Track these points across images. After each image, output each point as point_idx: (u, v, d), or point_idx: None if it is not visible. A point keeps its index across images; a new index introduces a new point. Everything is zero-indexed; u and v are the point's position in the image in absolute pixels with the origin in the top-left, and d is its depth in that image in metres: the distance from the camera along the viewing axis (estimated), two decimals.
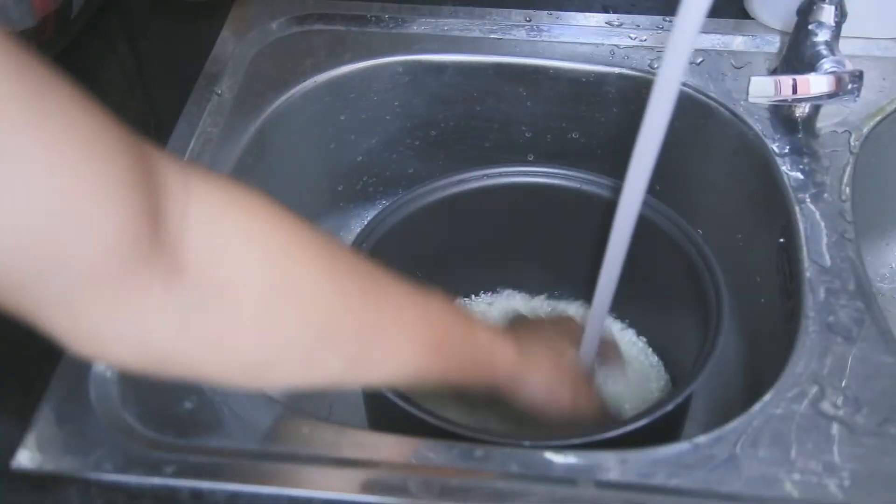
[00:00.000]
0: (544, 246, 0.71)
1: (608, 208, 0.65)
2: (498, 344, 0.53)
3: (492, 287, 0.76)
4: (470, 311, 0.52)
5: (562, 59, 0.75)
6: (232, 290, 0.37)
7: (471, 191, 0.67)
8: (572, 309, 0.75)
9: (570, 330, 0.61)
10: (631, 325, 0.73)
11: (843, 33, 0.65)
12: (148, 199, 0.33)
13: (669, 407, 0.52)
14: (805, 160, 0.66)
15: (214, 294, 0.36)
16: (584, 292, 0.73)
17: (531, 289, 0.76)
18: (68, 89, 0.32)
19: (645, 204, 0.63)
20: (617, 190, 0.65)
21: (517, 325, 0.63)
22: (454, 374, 0.50)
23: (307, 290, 0.40)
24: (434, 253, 0.68)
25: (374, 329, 0.44)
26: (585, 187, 0.66)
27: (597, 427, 0.54)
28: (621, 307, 0.71)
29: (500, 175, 0.67)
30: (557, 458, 0.47)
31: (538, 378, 0.55)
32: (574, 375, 0.58)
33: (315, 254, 0.41)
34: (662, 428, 0.53)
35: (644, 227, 0.63)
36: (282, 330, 0.39)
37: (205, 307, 0.36)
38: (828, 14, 0.66)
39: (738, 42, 0.76)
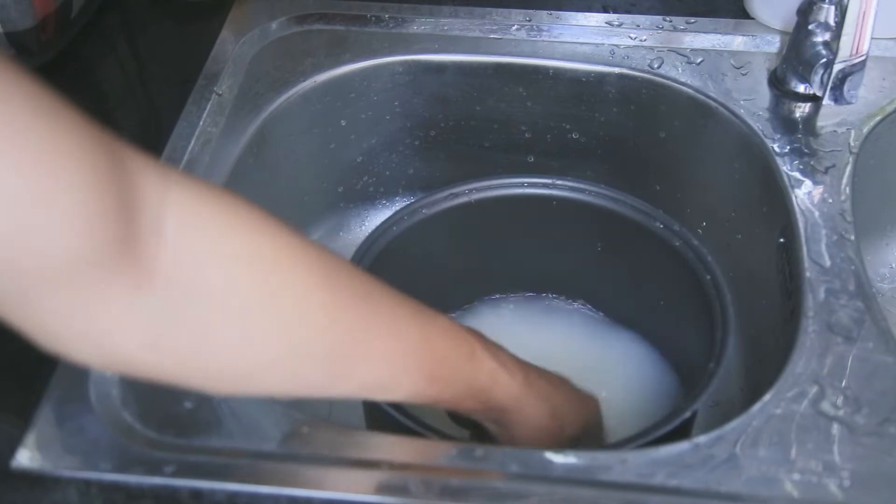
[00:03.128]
0: (544, 253, 0.71)
1: (605, 217, 0.65)
2: (501, 378, 0.49)
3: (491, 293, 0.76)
4: (477, 334, 0.49)
5: (562, 59, 0.75)
6: (206, 301, 0.36)
7: (465, 204, 0.67)
8: (572, 308, 0.74)
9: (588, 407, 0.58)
10: (634, 328, 0.73)
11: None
12: (117, 203, 0.32)
13: (668, 429, 0.51)
14: (805, 160, 0.66)
15: (187, 303, 0.35)
16: (583, 293, 0.73)
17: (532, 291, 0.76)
18: (36, 88, 0.30)
19: (647, 214, 0.64)
20: (614, 199, 0.65)
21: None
22: (449, 400, 0.48)
23: (289, 303, 0.38)
24: (434, 265, 0.68)
25: (362, 347, 0.42)
26: (583, 197, 0.66)
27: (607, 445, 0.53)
28: (625, 311, 0.71)
29: (494, 188, 0.67)
30: (557, 458, 0.47)
31: (527, 424, 0.52)
32: (561, 437, 0.54)
33: (301, 266, 0.39)
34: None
35: (646, 236, 0.63)
36: (259, 344, 0.38)
37: (175, 316, 0.35)
38: (828, 14, 0.66)
39: (738, 42, 0.76)
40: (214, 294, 0.36)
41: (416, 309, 0.45)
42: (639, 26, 0.77)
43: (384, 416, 0.52)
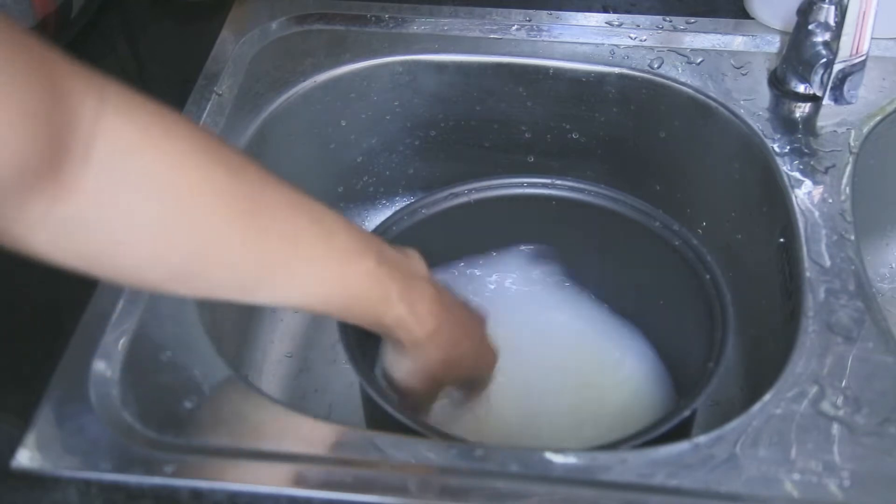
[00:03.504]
0: (543, 251, 0.71)
1: (605, 217, 0.65)
2: (407, 323, 0.52)
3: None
4: (405, 271, 0.52)
5: (562, 59, 0.75)
6: (118, 220, 0.39)
7: (464, 204, 0.67)
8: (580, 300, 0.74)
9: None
10: (633, 328, 0.73)
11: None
12: (48, 121, 0.34)
13: (665, 428, 0.51)
14: (805, 160, 0.66)
15: (98, 225, 0.38)
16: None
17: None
18: None
19: (647, 214, 0.64)
20: (614, 199, 0.65)
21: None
22: (349, 320, 0.52)
23: (199, 217, 0.41)
24: (434, 265, 0.68)
25: (274, 257, 0.45)
26: (583, 197, 0.66)
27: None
28: (625, 311, 0.71)
29: (494, 188, 0.67)
30: (557, 458, 0.47)
31: (415, 364, 0.55)
32: (441, 382, 0.57)
33: (225, 196, 0.42)
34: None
35: (646, 236, 0.63)
36: (163, 265, 0.41)
37: (84, 233, 0.38)
38: (828, 14, 0.66)
39: (738, 42, 0.76)
40: (124, 215, 0.39)
41: (345, 245, 0.48)
42: (639, 26, 0.77)
43: (384, 416, 0.52)
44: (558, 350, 0.69)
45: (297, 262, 0.46)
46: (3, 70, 0.33)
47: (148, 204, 0.39)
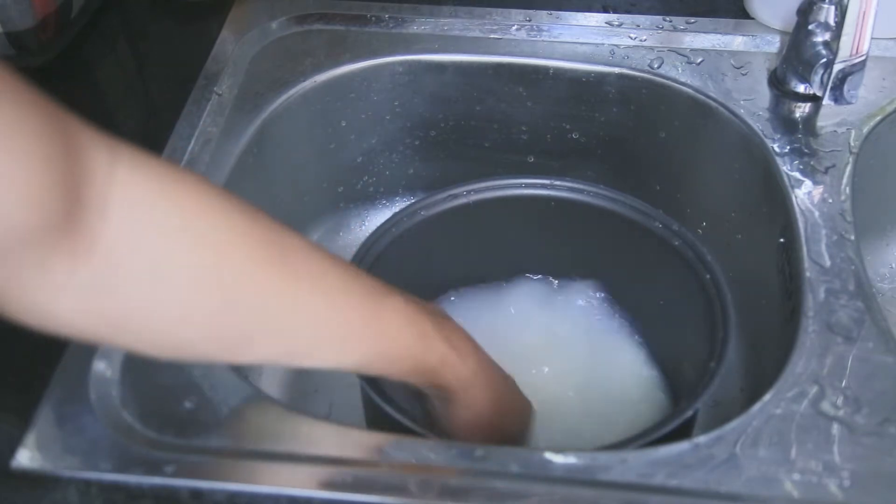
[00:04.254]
0: (544, 254, 0.71)
1: (605, 217, 0.65)
2: (451, 362, 0.50)
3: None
4: (432, 313, 0.51)
5: (562, 59, 0.75)
6: (144, 274, 0.37)
7: (464, 205, 0.67)
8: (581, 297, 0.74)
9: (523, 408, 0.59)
10: (633, 328, 0.73)
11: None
12: (64, 178, 0.33)
13: (668, 428, 0.51)
14: (805, 160, 0.66)
15: (124, 279, 0.36)
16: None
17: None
18: None
19: (647, 214, 0.64)
20: (614, 199, 0.65)
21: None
22: (396, 375, 0.49)
23: (228, 278, 0.39)
24: (434, 266, 0.68)
25: (306, 326, 0.43)
26: (582, 197, 0.66)
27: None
28: (624, 311, 0.71)
29: (494, 188, 0.67)
30: (557, 458, 0.47)
31: (468, 410, 0.53)
32: (494, 428, 0.55)
33: (242, 241, 0.40)
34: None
35: (646, 236, 0.63)
36: (196, 317, 0.39)
37: (111, 291, 0.36)
38: (828, 14, 0.66)
39: (738, 42, 0.76)
40: (152, 268, 0.37)
41: (369, 286, 0.47)
42: (639, 26, 0.77)
43: (384, 416, 0.52)
44: (558, 351, 0.69)
45: (330, 308, 0.44)
46: (21, 122, 0.32)
47: (172, 252, 0.38)
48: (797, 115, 0.70)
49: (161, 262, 0.37)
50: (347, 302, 0.45)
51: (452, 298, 0.72)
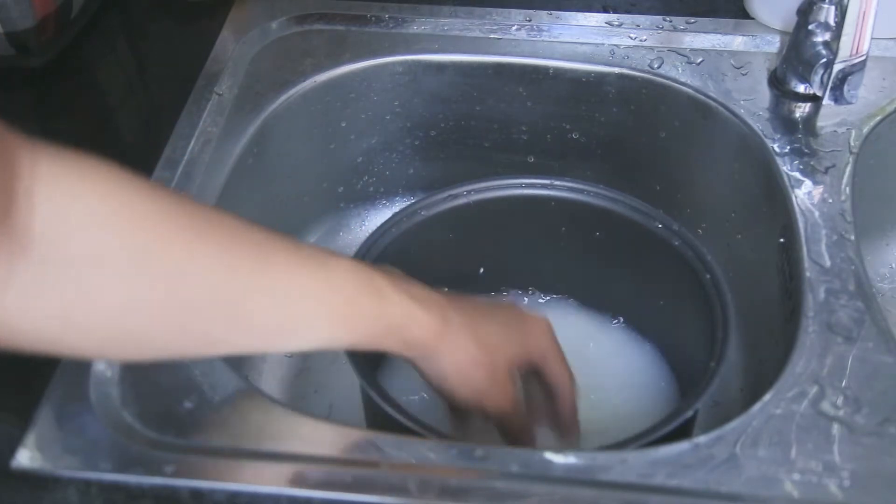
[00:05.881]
0: (543, 254, 0.71)
1: (605, 217, 0.65)
2: (415, 314, 0.49)
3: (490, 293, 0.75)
4: (386, 273, 0.49)
5: (562, 59, 0.75)
6: (82, 265, 0.37)
7: (464, 205, 0.67)
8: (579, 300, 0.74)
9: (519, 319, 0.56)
10: (633, 328, 0.73)
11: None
12: None
13: (668, 428, 0.51)
14: (805, 160, 0.66)
15: (63, 270, 0.36)
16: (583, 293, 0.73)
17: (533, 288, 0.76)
18: None
19: (647, 214, 0.64)
20: (614, 199, 0.65)
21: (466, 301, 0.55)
22: (366, 342, 0.48)
23: (165, 258, 0.39)
24: (434, 266, 0.68)
25: (255, 294, 0.42)
26: (582, 197, 0.66)
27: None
28: (625, 311, 0.71)
29: (494, 188, 0.67)
30: (557, 458, 0.47)
31: (453, 357, 0.51)
32: (495, 365, 0.53)
33: (172, 220, 0.40)
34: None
35: (646, 236, 0.63)
36: (140, 302, 0.39)
37: (53, 283, 0.36)
38: (828, 14, 0.66)
39: (738, 42, 0.76)
40: (88, 258, 0.37)
41: (312, 252, 0.46)
42: (639, 26, 0.77)
43: (384, 416, 0.52)
44: None
45: (282, 283, 0.43)
46: None
47: (105, 239, 0.38)
48: (797, 115, 0.70)
49: (96, 250, 0.37)
50: (298, 273, 0.44)
51: None
